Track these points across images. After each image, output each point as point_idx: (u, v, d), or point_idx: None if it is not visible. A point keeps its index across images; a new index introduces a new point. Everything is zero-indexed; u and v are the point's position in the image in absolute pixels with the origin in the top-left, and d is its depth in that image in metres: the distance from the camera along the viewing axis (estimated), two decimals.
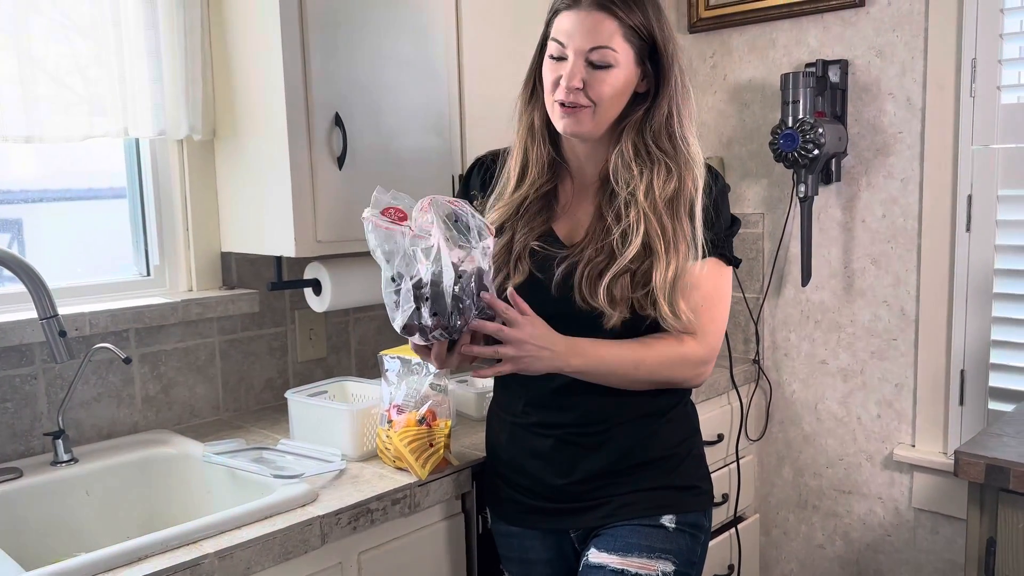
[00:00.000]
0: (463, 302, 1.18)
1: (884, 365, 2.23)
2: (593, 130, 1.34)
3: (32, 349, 1.62)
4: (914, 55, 2.10)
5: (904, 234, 2.16)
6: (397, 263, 1.18)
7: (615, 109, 1.34)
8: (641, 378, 1.35)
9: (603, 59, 1.30)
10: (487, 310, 1.22)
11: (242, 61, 1.76)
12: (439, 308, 1.17)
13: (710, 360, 1.39)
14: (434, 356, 1.26)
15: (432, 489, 1.50)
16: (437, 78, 1.90)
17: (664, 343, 1.35)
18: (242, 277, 1.95)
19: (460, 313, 1.19)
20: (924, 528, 2.21)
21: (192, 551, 1.21)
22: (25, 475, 1.52)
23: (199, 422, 1.87)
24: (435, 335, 1.20)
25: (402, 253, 1.18)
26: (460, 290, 1.18)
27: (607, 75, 1.31)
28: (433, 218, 1.17)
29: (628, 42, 1.31)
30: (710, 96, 2.46)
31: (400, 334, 1.22)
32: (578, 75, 1.30)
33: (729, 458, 2.32)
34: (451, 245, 1.17)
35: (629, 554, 1.35)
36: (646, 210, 1.31)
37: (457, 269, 1.17)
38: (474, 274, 1.19)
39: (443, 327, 1.19)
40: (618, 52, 1.30)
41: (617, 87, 1.32)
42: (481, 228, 1.20)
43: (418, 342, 1.24)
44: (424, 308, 1.17)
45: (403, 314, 1.19)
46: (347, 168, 1.73)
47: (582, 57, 1.30)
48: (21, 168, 1.75)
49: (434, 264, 1.16)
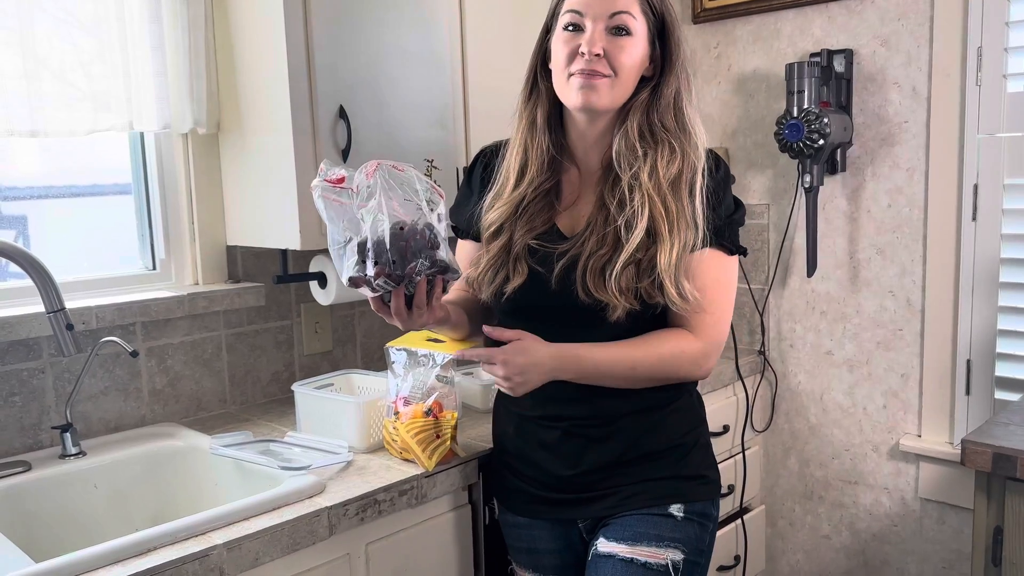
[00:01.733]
0: (407, 252, 1.19)
1: (890, 355, 2.22)
2: (610, 103, 1.33)
3: (39, 343, 1.63)
4: (919, 44, 2.09)
5: (910, 224, 2.16)
6: (345, 226, 1.21)
7: (631, 84, 1.34)
8: (640, 377, 1.35)
9: (624, 24, 1.30)
10: (442, 262, 1.23)
11: (246, 55, 1.76)
12: (380, 258, 1.19)
13: (711, 352, 1.38)
14: (394, 312, 1.26)
15: (439, 480, 1.50)
16: (441, 70, 1.89)
17: (659, 341, 1.35)
18: (248, 270, 1.95)
19: (404, 262, 1.20)
20: (931, 518, 2.21)
21: (201, 542, 1.22)
22: (34, 468, 1.53)
23: (206, 415, 1.87)
24: (379, 283, 1.21)
25: (349, 216, 1.21)
26: (402, 242, 1.19)
27: (627, 43, 1.31)
28: (378, 180, 1.19)
29: (644, 15, 1.32)
30: (715, 87, 2.46)
31: (348, 287, 1.23)
32: (599, 42, 1.29)
33: (735, 449, 2.33)
34: (394, 202, 1.19)
35: (638, 543, 1.35)
36: (650, 191, 1.30)
37: (398, 221, 1.18)
38: (420, 228, 1.20)
39: (386, 275, 1.20)
40: (637, 20, 1.31)
41: (635, 58, 1.32)
42: (430, 191, 1.22)
43: (367, 294, 1.25)
44: (368, 261, 1.19)
45: (348, 268, 1.21)
46: (352, 161, 1.73)
47: (602, 23, 1.30)
48: (27, 165, 1.75)
49: (375, 219, 1.18)
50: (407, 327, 1.29)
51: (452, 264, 1.24)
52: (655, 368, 1.35)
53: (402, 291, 1.23)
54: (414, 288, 1.23)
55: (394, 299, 1.24)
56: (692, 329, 1.36)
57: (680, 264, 1.30)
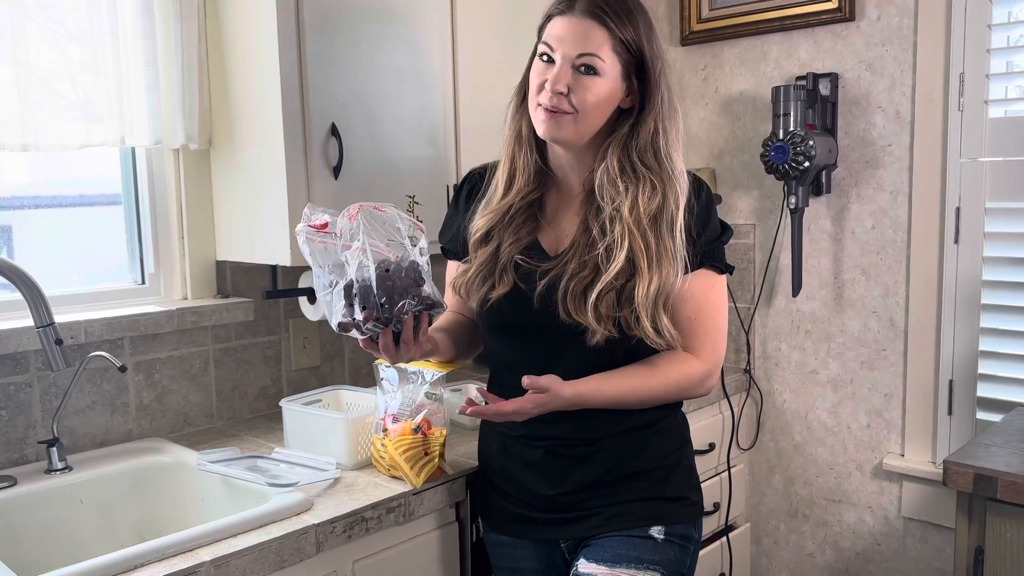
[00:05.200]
0: (394, 293, 1.22)
1: (874, 375, 2.25)
2: (574, 137, 1.35)
3: (27, 357, 1.62)
4: (903, 69, 2.13)
5: (893, 246, 2.19)
6: (330, 270, 1.24)
7: (597, 120, 1.35)
8: (647, 401, 1.38)
9: (591, 64, 1.31)
10: (428, 299, 1.25)
11: (239, 71, 1.77)
12: (368, 302, 1.21)
13: (713, 371, 1.41)
14: (382, 349, 1.27)
15: (427, 498, 1.50)
16: (432, 88, 1.91)
17: (666, 366, 1.37)
18: (237, 286, 1.95)
19: (392, 304, 1.22)
20: (913, 537, 2.22)
21: (188, 559, 1.22)
22: (19, 483, 1.52)
23: (193, 430, 1.87)
24: (368, 328, 1.24)
25: (334, 260, 1.24)
26: (388, 283, 1.21)
27: (592, 83, 1.32)
28: (360, 223, 1.21)
29: (616, 54, 1.33)
30: (702, 108, 2.49)
31: (337, 333, 1.25)
32: (563, 80, 1.32)
33: (720, 467, 2.34)
34: (378, 244, 1.21)
35: (617, 565, 1.35)
36: (631, 226, 1.32)
37: (383, 263, 1.21)
38: (406, 267, 1.23)
39: (375, 319, 1.22)
40: (605, 62, 1.32)
41: (600, 97, 1.33)
42: (412, 229, 1.25)
43: (357, 336, 1.26)
44: (356, 305, 1.21)
45: (337, 313, 1.23)
46: (343, 178, 1.74)
47: (569, 63, 1.32)
48: (13, 175, 1.75)
49: (360, 264, 1.21)
50: (395, 362, 1.32)
51: (437, 299, 1.27)
52: (666, 395, 1.39)
53: (390, 330, 1.25)
54: (401, 326, 1.25)
55: (382, 338, 1.26)
56: (692, 351, 1.39)
57: (659, 299, 1.32)
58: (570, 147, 1.38)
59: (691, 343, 1.38)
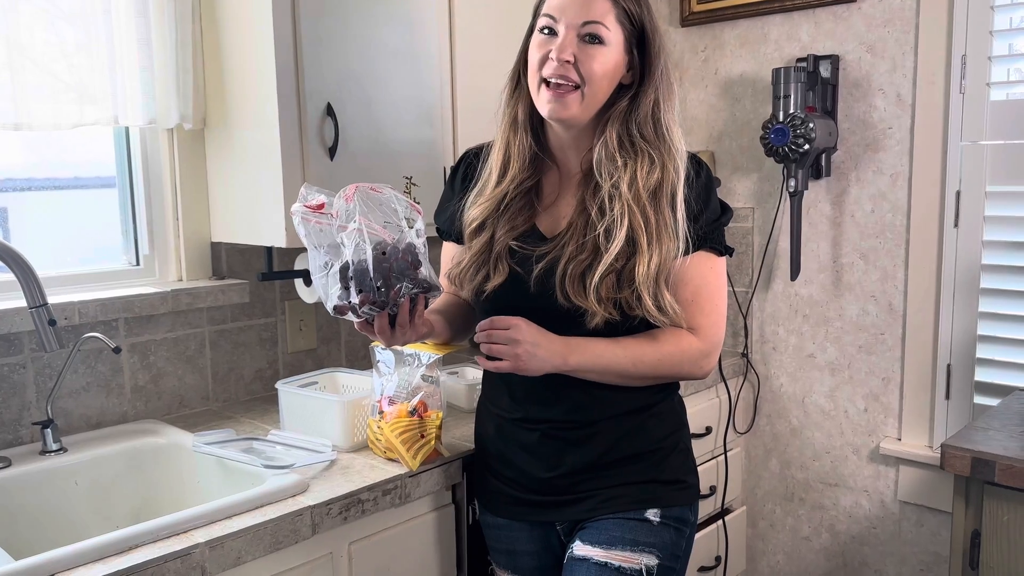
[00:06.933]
0: (390, 276, 1.21)
1: (871, 359, 2.24)
2: (580, 115, 1.33)
3: (21, 338, 1.62)
4: (904, 51, 2.11)
5: (892, 229, 2.18)
6: (326, 251, 1.23)
7: (603, 92, 1.33)
8: (641, 374, 1.36)
9: (596, 32, 1.30)
10: (425, 282, 1.24)
11: (233, 50, 1.75)
12: (364, 285, 1.20)
13: (712, 352, 1.39)
14: (378, 332, 1.27)
15: (423, 480, 1.50)
16: (429, 69, 1.89)
17: (662, 339, 1.36)
18: (232, 267, 1.94)
19: (388, 287, 1.21)
20: (909, 521, 2.23)
21: (183, 540, 1.21)
22: (13, 464, 1.52)
23: (188, 412, 1.86)
24: (364, 311, 1.23)
25: (330, 242, 1.22)
26: (385, 265, 1.20)
27: (598, 52, 1.30)
28: (357, 204, 1.20)
29: (620, 24, 1.31)
30: (701, 90, 2.47)
31: (333, 315, 1.24)
32: (569, 48, 1.29)
33: (717, 450, 2.34)
34: (374, 226, 1.20)
35: (613, 547, 1.35)
36: (630, 202, 1.30)
37: (379, 246, 1.19)
38: (402, 249, 1.21)
39: (371, 302, 1.21)
40: (610, 31, 1.30)
41: (607, 67, 1.31)
42: (408, 210, 1.23)
43: (353, 319, 1.25)
44: (352, 288, 1.20)
45: (332, 296, 1.22)
46: (339, 158, 1.73)
47: (574, 31, 1.30)
48: (7, 156, 1.73)
49: (357, 246, 1.19)
50: (390, 344, 1.30)
51: (434, 282, 1.26)
52: (657, 365, 1.35)
53: (386, 313, 1.24)
54: (397, 309, 1.24)
55: (378, 320, 1.25)
56: (691, 331, 1.37)
57: (660, 276, 1.31)
58: (573, 126, 1.36)
59: (690, 324, 1.37)
